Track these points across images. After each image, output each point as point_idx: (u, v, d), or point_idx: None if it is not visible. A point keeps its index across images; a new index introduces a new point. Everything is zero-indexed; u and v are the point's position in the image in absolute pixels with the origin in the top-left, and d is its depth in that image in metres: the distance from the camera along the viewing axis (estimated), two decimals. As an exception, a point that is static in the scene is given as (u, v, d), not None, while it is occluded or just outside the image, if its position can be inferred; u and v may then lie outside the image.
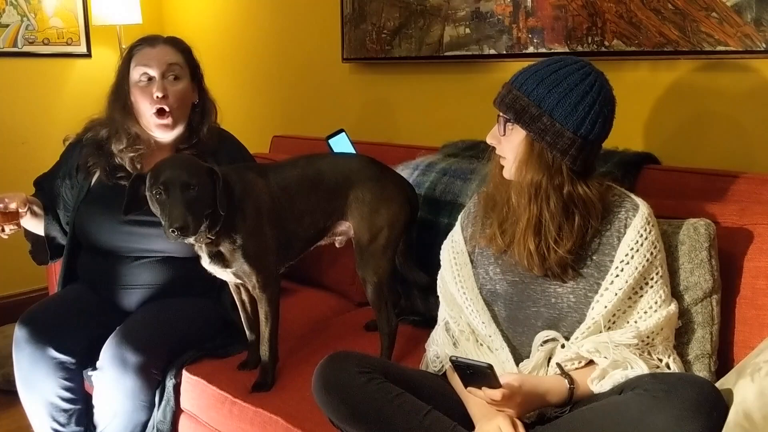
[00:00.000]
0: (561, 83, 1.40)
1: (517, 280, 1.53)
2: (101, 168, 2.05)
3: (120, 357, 1.83)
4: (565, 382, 1.41)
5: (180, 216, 1.61)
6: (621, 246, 1.45)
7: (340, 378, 1.40)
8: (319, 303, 2.38)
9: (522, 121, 1.42)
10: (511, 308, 1.53)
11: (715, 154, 1.99)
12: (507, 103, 1.44)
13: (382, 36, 2.74)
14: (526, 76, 1.43)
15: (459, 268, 1.62)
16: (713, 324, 1.55)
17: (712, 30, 1.91)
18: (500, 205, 1.54)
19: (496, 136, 1.49)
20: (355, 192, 1.91)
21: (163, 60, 1.98)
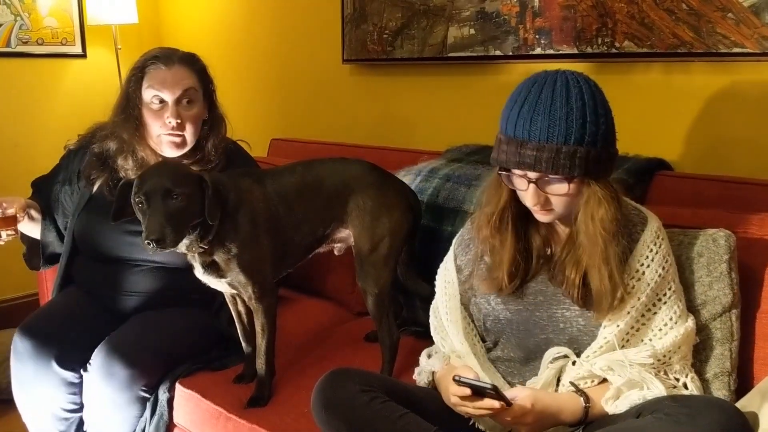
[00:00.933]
0: (577, 105, 1.28)
1: (521, 308, 1.46)
2: (104, 180, 1.99)
3: (107, 369, 1.76)
4: (580, 400, 1.34)
5: (156, 227, 1.53)
6: (631, 262, 1.38)
7: (341, 396, 1.33)
8: (317, 312, 2.31)
9: (588, 172, 1.29)
10: (519, 337, 1.47)
11: (731, 161, 1.92)
12: (561, 162, 1.27)
13: (383, 37, 2.67)
14: (554, 121, 1.26)
15: (448, 299, 1.57)
16: (733, 340, 1.48)
17: (729, 31, 1.84)
18: (511, 249, 1.42)
19: (540, 195, 1.33)
20: (355, 199, 1.84)
21: (179, 84, 1.89)
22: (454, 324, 1.53)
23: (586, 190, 1.32)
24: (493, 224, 1.42)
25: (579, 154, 1.27)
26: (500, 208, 1.41)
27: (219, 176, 1.72)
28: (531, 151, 1.28)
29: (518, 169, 1.31)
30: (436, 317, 1.60)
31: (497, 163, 1.36)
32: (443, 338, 1.57)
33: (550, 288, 1.44)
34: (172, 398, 1.86)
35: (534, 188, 1.32)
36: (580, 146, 1.27)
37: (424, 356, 1.58)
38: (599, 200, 1.32)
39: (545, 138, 1.27)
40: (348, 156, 2.13)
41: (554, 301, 1.43)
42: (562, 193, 1.32)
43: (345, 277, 2.30)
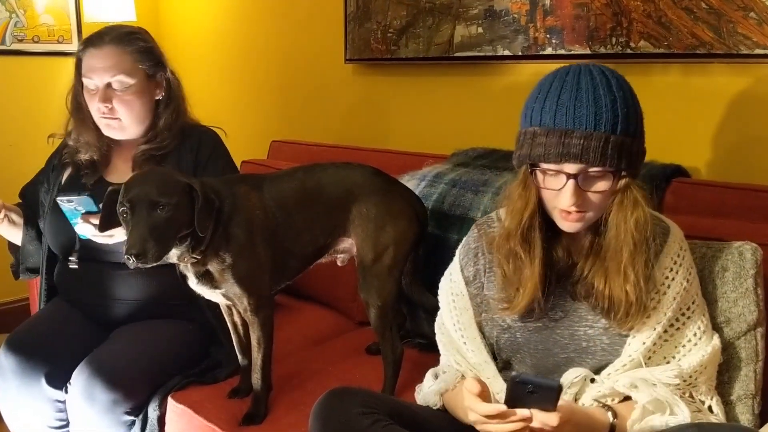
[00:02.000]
0: (618, 95, 1.19)
1: (540, 325, 1.35)
2: (69, 172, 1.95)
3: (88, 393, 1.68)
4: (608, 415, 1.24)
5: (138, 241, 1.45)
6: (655, 275, 1.29)
7: (341, 419, 1.24)
8: (317, 321, 2.24)
9: (629, 166, 1.21)
10: (537, 357, 1.36)
11: (753, 168, 1.83)
12: (609, 153, 1.18)
13: (387, 35, 2.59)
14: (600, 108, 1.18)
15: (459, 313, 1.44)
16: (758, 360, 1.39)
17: (750, 32, 1.75)
18: (540, 264, 1.30)
19: (578, 194, 1.21)
20: (358, 207, 1.75)
21: (108, 68, 1.81)
22: (470, 340, 1.41)
23: (623, 189, 1.23)
24: (521, 235, 1.29)
25: (625, 145, 1.19)
26: (528, 216, 1.28)
27: (213, 182, 1.64)
28: (578, 140, 1.17)
29: (563, 161, 1.19)
30: (444, 334, 1.48)
31: (532, 159, 1.23)
32: (454, 355, 1.45)
33: (570, 303, 1.34)
34: (163, 415, 1.78)
35: (573, 185, 1.20)
36: (626, 137, 1.19)
37: (430, 377, 1.47)
38: (635, 201, 1.23)
39: (593, 126, 1.17)
40: (351, 159, 2.06)
41: (575, 318, 1.34)
42: (603, 190, 1.22)
43: (347, 284, 2.22)
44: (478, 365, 1.39)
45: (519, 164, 1.29)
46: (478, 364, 1.39)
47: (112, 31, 1.86)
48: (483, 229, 1.43)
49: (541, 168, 1.24)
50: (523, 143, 1.25)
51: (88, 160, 1.92)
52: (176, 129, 1.91)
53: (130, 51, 1.84)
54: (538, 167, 1.24)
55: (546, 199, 1.27)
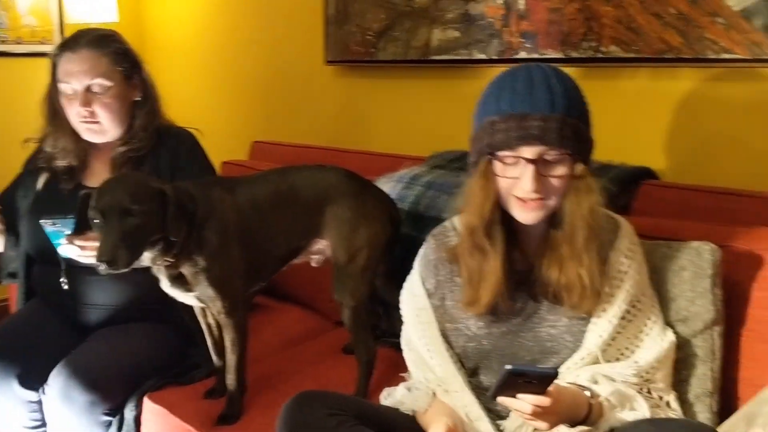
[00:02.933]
0: (568, 85, 1.25)
1: (505, 330, 1.37)
2: (47, 177, 1.95)
3: (65, 394, 1.69)
4: (585, 393, 1.26)
5: (108, 248, 1.46)
6: (608, 271, 1.32)
7: (308, 421, 1.27)
8: (294, 322, 2.26)
9: (583, 150, 1.26)
10: (503, 362, 1.34)
11: (719, 171, 1.86)
12: (566, 135, 1.21)
13: (366, 38, 2.61)
14: (553, 94, 1.22)
15: (424, 327, 1.44)
16: (714, 359, 1.42)
17: (718, 36, 1.78)
18: (501, 260, 1.32)
19: (539, 180, 1.23)
20: (332, 209, 1.77)
21: (87, 72, 1.82)
22: (438, 354, 1.41)
23: (578, 176, 1.26)
24: (484, 229, 1.30)
25: (580, 130, 1.24)
26: (490, 208, 1.28)
27: (186, 186, 1.65)
28: (536, 122, 1.20)
29: (524, 144, 1.21)
30: (412, 350, 1.47)
31: (492, 147, 1.24)
32: (424, 372, 1.43)
33: (531, 305, 1.37)
34: (139, 415, 1.79)
35: (533, 170, 1.22)
36: (580, 122, 1.24)
37: (404, 390, 1.45)
38: (589, 187, 1.26)
39: (549, 109, 1.21)
40: (331, 160, 2.09)
41: (537, 320, 1.36)
42: (561, 175, 1.24)
43: (324, 285, 2.21)
44: (445, 379, 1.39)
45: (478, 156, 1.29)
46: (445, 378, 1.39)
47: (86, 34, 1.86)
48: (440, 240, 1.44)
49: (500, 157, 1.25)
50: (481, 135, 1.27)
51: (66, 166, 1.92)
52: (152, 129, 1.92)
53: (107, 53, 1.84)
54: (496, 157, 1.25)
55: (504, 189, 1.27)
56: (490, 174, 1.28)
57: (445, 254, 1.41)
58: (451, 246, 1.40)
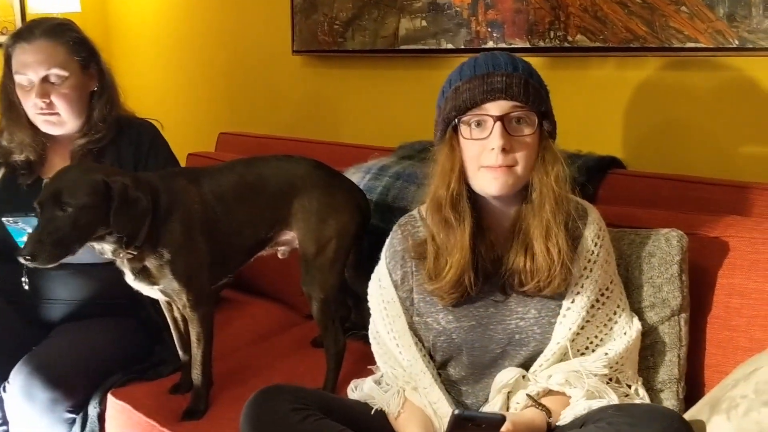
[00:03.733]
0: (525, 62, 1.30)
1: (474, 323, 1.36)
2: (4, 172, 1.89)
3: (27, 392, 1.66)
4: (543, 415, 1.27)
5: (30, 242, 1.43)
6: (578, 260, 1.32)
7: (272, 416, 1.24)
8: (263, 315, 2.23)
9: (547, 116, 1.28)
10: (474, 355, 1.36)
11: (685, 159, 1.87)
12: (530, 92, 1.24)
13: (334, 27, 2.58)
14: (515, 60, 1.27)
15: (391, 320, 1.41)
16: (681, 346, 1.43)
17: (682, 25, 1.79)
18: (468, 237, 1.30)
19: (505, 137, 1.23)
20: (300, 200, 1.75)
21: (42, 62, 1.76)
22: (406, 348, 1.38)
23: (544, 146, 1.27)
24: (451, 202, 1.28)
25: (543, 93, 1.28)
26: (456, 179, 1.27)
27: (149, 177, 1.62)
28: (500, 77, 1.23)
29: (488, 98, 1.22)
30: (380, 344, 1.45)
31: (457, 109, 1.25)
32: (392, 366, 1.41)
33: (500, 297, 1.36)
34: (103, 412, 1.76)
35: (500, 127, 1.22)
36: (542, 89, 1.28)
37: (371, 382, 1.44)
38: (555, 156, 1.27)
39: (511, 69, 1.24)
40: (299, 151, 2.06)
41: (506, 312, 1.35)
42: (528, 134, 1.24)
43: (293, 278, 2.18)
44: (414, 374, 1.37)
45: (444, 126, 1.30)
46: (414, 374, 1.37)
47: (41, 23, 1.81)
48: (407, 230, 1.41)
49: (465, 121, 1.26)
50: (445, 106, 1.28)
51: (24, 161, 1.87)
52: (111, 120, 1.87)
53: (63, 43, 1.79)
54: (461, 121, 1.26)
55: (472, 160, 1.26)
56: (455, 143, 1.28)
57: (412, 247, 1.38)
58: (419, 237, 1.38)
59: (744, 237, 1.45)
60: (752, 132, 1.76)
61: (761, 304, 1.38)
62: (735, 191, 1.63)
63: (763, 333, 1.37)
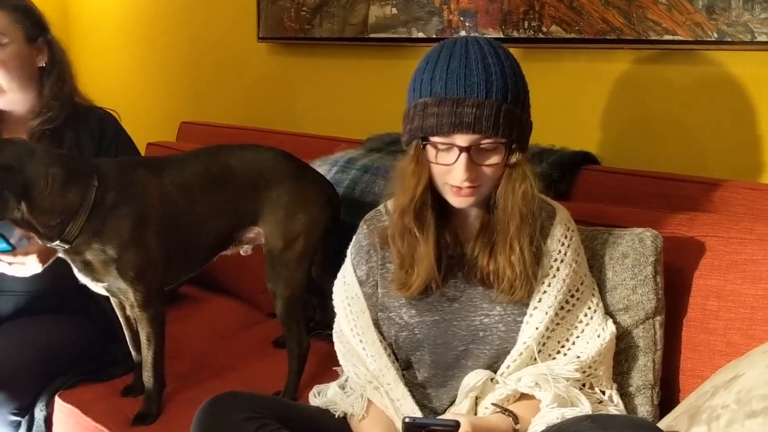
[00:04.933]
0: (506, 64, 1.17)
1: (437, 318, 1.30)
2: None
3: None
4: (509, 420, 1.22)
5: None
6: (544, 260, 1.27)
7: (223, 426, 1.17)
8: (224, 313, 2.15)
9: (520, 138, 1.19)
10: (436, 353, 1.31)
11: (660, 155, 1.83)
12: (502, 122, 1.14)
13: (301, 14, 2.50)
14: (490, 75, 1.15)
15: (355, 317, 1.36)
16: (656, 350, 1.38)
17: (660, 17, 1.74)
18: (434, 243, 1.26)
19: (472, 168, 1.17)
20: (269, 193, 1.67)
21: None
22: (369, 344, 1.33)
23: (513, 162, 1.20)
24: (414, 212, 1.23)
25: (516, 115, 1.17)
26: (421, 192, 1.22)
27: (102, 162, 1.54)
28: (470, 109, 1.13)
29: (456, 131, 1.14)
30: (343, 342, 1.40)
31: (424, 131, 1.17)
32: (355, 365, 1.36)
33: (465, 293, 1.30)
34: (50, 415, 1.68)
35: (466, 159, 1.15)
36: (516, 106, 1.17)
37: (335, 387, 1.38)
38: (524, 174, 1.20)
39: (484, 94, 1.14)
40: (263, 142, 1.98)
41: (471, 307, 1.30)
42: (495, 163, 1.18)
43: (256, 274, 2.12)
44: (378, 371, 1.32)
45: (410, 139, 1.22)
46: (378, 371, 1.32)
47: None
48: (373, 224, 1.36)
49: (432, 142, 1.18)
50: (413, 117, 1.19)
51: None
52: (64, 99, 1.78)
53: (5, 8, 1.70)
54: (429, 142, 1.19)
55: (436, 175, 1.21)
56: (422, 159, 1.21)
57: (378, 238, 1.33)
58: (384, 231, 1.33)
59: (721, 236, 1.40)
60: (729, 128, 1.72)
61: (739, 306, 1.34)
62: (711, 188, 1.58)
63: (740, 337, 1.33)
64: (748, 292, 1.33)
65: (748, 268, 1.34)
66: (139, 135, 1.98)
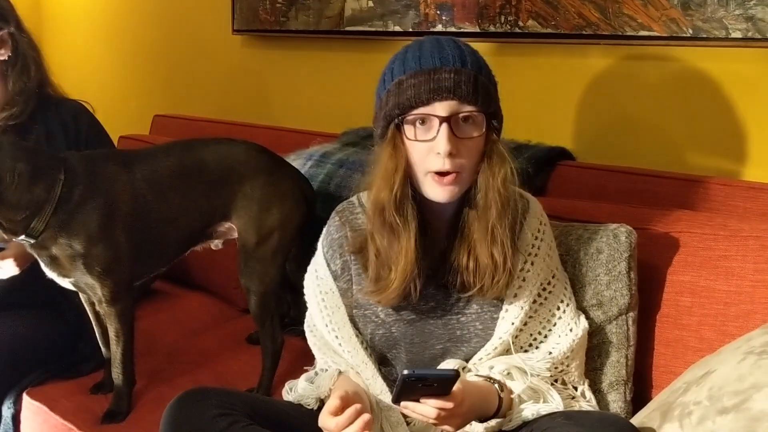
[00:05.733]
0: (472, 50, 1.18)
1: (414, 317, 1.28)
2: None
3: None
4: (494, 386, 1.20)
5: None
6: (518, 254, 1.25)
7: (194, 422, 1.14)
8: (197, 309, 2.13)
9: (496, 116, 1.19)
10: (413, 352, 1.29)
11: (635, 151, 1.83)
12: (479, 90, 1.14)
13: (276, 6, 2.47)
14: (463, 52, 1.16)
15: (330, 312, 1.32)
16: (629, 346, 1.38)
17: (636, 12, 1.73)
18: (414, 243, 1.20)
19: (452, 140, 1.13)
20: (243, 187, 1.65)
21: None
22: (346, 340, 1.30)
23: (492, 146, 1.18)
24: (394, 204, 1.18)
25: (491, 90, 1.18)
26: (400, 182, 1.17)
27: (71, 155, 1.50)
28: (448, 75, 1.12)
29: (435, 98, 1.12)
30: (316, 336, 1.36)
31: (401, 107, 1.14)
32: (332, 357, 1.33)
33: (442, 292, 1.28)
34: (18, 412, 1.66)
35: (447, 129, 1.12)
36: (489, 84, 1.18)
37: (305, 382, 1.33)
38: (502, 156, 1.18)
39: (460, 64, 1.14)
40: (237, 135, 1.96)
41: (447, 306, 1.28)
42: (476, 135, 1.15)
43: (229, 269, 2.10)
44: (356, 366, 1.30)
45: (386, 123, 1.19)
46: (356, 365, 1.30)
47: None
48: (345, 216, 1.32)
49: (411, 119, 1.15)
50: (387, 100, 1.17)
51: None
52: (30, 93, 1.73)
53: None
54: (406, 120, 1.16)
55: (416, 163, 1.17)
56: (399, 142, 1.18)
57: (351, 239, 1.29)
58: (358, 225, 1.29)
59: (695, 232, 1.40)
60: (704, 124, 1.72)
61: (712, 302, 1.34)
62: (686, 185, 1.59)
63: (713, 333, 1.33)
64: (721, 288, 1.33)
65: (721, 264, 1.34)
66: (111, 128, 1.95)
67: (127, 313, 1.56)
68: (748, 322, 1.29)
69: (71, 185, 1.46)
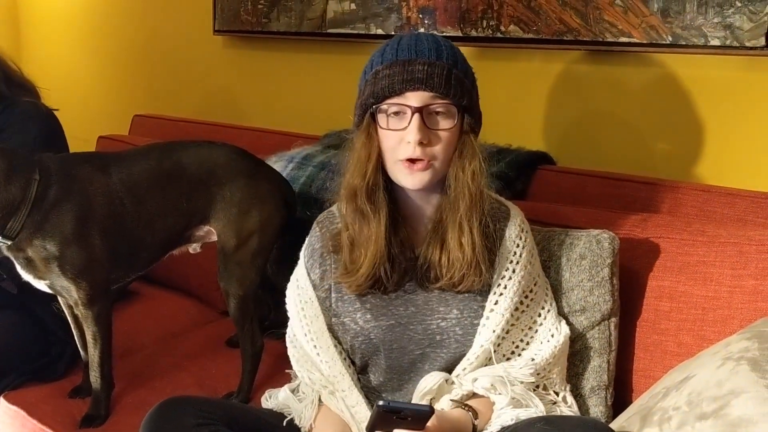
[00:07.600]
0: (450, 44, 1.21)
1: (393, 323, 1.28)
2: None
3: None
4: (469, 415, 1.21)
5: None
6: (500, 260, 1.27)
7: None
8: (176, 311, 2.11)
9: (470, 110, 1.21)
10: (392, 358, 1.29)
11: (614, 156, 1.84)
12: (451, 83, 1.16)
13: (258, 7, 2.46)
14: (440, 46, 1.18)
15: (309, 321, 1.32)
16: (611, 351, 1.39)
17: (616, 19, 1.75)
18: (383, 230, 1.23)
19: (424, 131, 1.16)
20: (222, 190, 1.64)
21: None
22: (324, 350, 1.30)
23: (464, 140, 1.21)
24: (366, 192, 1.21)
25: (466, 85, 1.20)
26: (372, 169, 1.21)
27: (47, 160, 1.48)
28: (422, 66, 1.16)
29: (408, 88, 1.15)
30: (296, 347, 1.36)
31: (376, 95, 1.18)
32: (309, 370, 1.33)
33: (421, 296, 1.29)
34: (-7, 417, 1.62)
35: (418, 119, 1.15)
36: (465, 78, 1.20)
37: (286, 391, 1.35)
38: (473, 151, 1.21)
39: (435, 56, 1.17)
40: (218, 137, 1.97)
41: (427, 311, 1.28)
42: (447, 128, 1.18)
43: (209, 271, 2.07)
44: (333, 377, 1.30)
45: (362, 112, 1.22)
46: (333, 376, 1.30)
47: None
48: (326, 226, 1.33)
49: (384, 108, 1.18)
50: (364, 90, 1.21)
51: None
52: None
53: None
54: (380, 108, 1.19)
55: (388, 151, 1.20)
56: (373, 130, 1.21)
57: (329, 239, 1.30)
58: (338, 233, 1.30)
59: (674, 238, 1.42)
60: (682, 130, 1.75)
61: (690, 307, 1.36)
62: (664, 190, 1.61)
63: (691, 337, 1.34)
64: (699, 293, 1.35)
65: (699, 269, 1.36)
66: (91, 128, 1.94)
67: (104, 316, 1.54)
68: (725, 327, 1.31)
69: (46, 185, 1.45)
